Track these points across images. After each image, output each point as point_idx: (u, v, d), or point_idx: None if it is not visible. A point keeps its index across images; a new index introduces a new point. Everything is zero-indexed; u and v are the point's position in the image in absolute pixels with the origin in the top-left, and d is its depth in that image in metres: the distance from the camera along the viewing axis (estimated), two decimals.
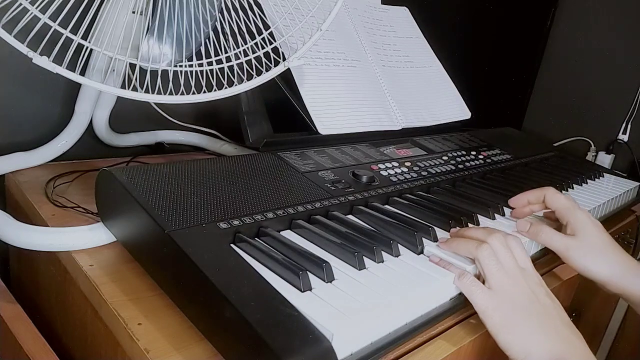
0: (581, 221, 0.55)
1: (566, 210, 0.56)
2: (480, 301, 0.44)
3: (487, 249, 0.47)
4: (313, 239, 0.49)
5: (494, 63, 1.35)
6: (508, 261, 0.47)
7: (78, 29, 0.48)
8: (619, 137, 1.27)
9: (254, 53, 0.56)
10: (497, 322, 0.43)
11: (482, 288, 0.45)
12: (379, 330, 0.40)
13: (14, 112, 0.68)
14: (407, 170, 0.69)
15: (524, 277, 0.46)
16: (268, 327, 0.34)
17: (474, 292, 0.45)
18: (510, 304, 0.44)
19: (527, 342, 0.43)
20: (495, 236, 0.48)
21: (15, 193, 0.63)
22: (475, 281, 0.46)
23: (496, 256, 0.47)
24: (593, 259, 0.53)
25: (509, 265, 0.46)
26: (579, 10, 1.33)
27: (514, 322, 0.43)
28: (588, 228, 0.55)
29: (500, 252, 0.47)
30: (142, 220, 0.45)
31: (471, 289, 0.45)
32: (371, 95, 0.79)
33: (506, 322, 0.43)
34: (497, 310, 0.44)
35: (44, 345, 0.49)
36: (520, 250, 0.49)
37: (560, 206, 0.57)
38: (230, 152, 0.78)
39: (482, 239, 0.48)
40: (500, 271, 0.46)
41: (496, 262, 0.46)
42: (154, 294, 0.44)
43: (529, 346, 0.42)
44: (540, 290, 0.46)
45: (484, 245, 0.47)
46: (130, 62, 0.53)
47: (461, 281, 0.46)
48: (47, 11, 0.45)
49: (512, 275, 0.46)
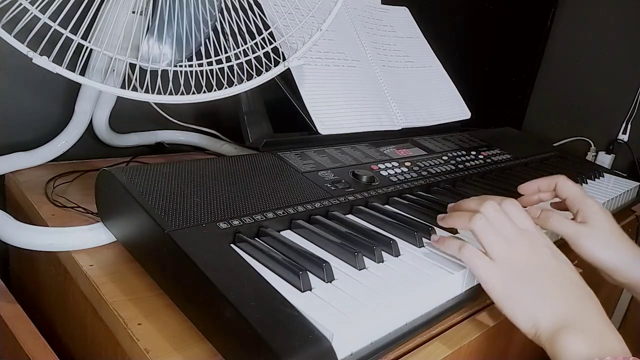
0: (592, 209, 0.54)
1: (578, 198, 0.56)
2: (481, 273, 0.43)
3: (481, 218, 0.45)
4: (313, 239, 0.49)
5: (494, 63, 1.35)
6: (505, 226, 0.45)
7: (78, 29, 0.48)
8: (619, 137, 1.27)
9: (254, 53, 0.56)
10: (500, 293, 0.42)
11: (483, 259, 0.44)
12: (379, 330, 0.40)
13: (14, 112, 0.68)
14: (407, 170, 0.69)
15: (525, 240, 0.45)
16: (268, 327, 0.34)
17: (475, 264, 0.44)
18: (511, 272, 0.43)
19: (532, 310, 0.41)
20: (488, 204, 0.46)
21: (15, 193, 0.63)
22: (476, 252, 0.44)
23: (492, 224, 0.45)
24: (603, 246, 0.53)
25: (507, 230, 0.45)
26: (579, 10, 1.33)
27: (517, 290, 0.42)
28: (599, 216, 0.54)
29: (495, 219, 0.45)
30: (142, 220, 0.45)
31: (472, 260, 0.44)
32: (371, 95, 0.79)
33: (509, 291, 0.42)
34: (499, 281, 0.42)
35: (44, 345, 0.49)
36: (518, 212, 0.47)
37: (571, 194, 0.56)
38: (230, 152, 0.78)
39: (475, 209, 0.46)
40: (498, 239, 0.44)
41: (492, 230, 0.45)
42: (154, 294, 0.44)
43: (535, 314, 0.41)
44: (543, 251, 0.45)
45: (477, 216, 0.45)
46: (130, 62, 0.53)
47: (461, 253, 0.45)
48: (47, 11, 0.45)
49: (511, 241, 0.44)
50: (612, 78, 1.28)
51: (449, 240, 0.47)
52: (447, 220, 0.49)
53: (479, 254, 0.44)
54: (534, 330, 0.41)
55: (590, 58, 1.32)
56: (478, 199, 0.49)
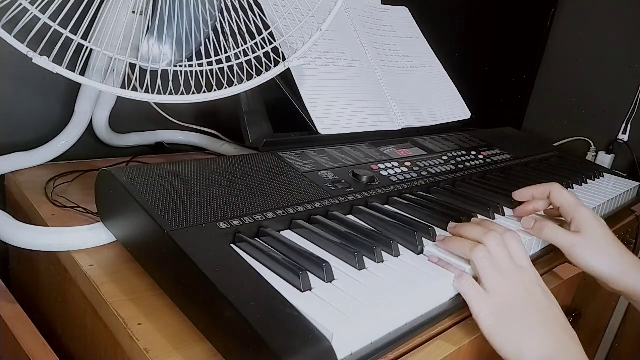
0: (586, 218, 0.55)
1: (571, 207, 0.56)
2: (475, 304, 0.44)
3: (482, 250, 0.46)
4: (313, 239, 0.49)
5: (494, 63, 1.35)
6: (503, 261, 0.46)
7: (78, 29, 0.48)
8: (619, 137, 1.27)
9: (254, 53, 0.56)
10: (490, 324, 0.43)
11: (478, 291, 0.45)
12: (379, 330, 0.40)
13: (14, 112, 0.68)
14: (407, 170, 0.69)
15: (519, 276, 0.46)
16: (268, 327, 0.34)
17: (471, 295, 0.45)
18: (504, 305, 0.44)
19: (519, 343, 0.42)
20: (492, 235, 0.47)
21: (15, 193, 0.63)
22: (473, 283, 0.45)
23: (492, 256, 0.46)
24: (597, 256, 0.53)
25: (505, 265, 0.46)
26: (579, 10, 1.33)
27: (507, 323, 0.43)
28: (593, 225, 0.54)
29: (495, 252, 0.46)
30: (142, 220, 0.45)
31: (468, 291, 0.45)
32: (371, 95, 0.79)
33: (499, 323, 0.43)
34: (491, 313, 0.44)
35: (44, 345, 0.49)
36: (518, 247, 0.48)
37: (565, 203, 0.57)
38: (230, 152, 0.78)
39: (478, 238, 0.48)
40: (495, 272, 0.45)
41: (490, 263, 0.46)
42: (154, 294, 0.44)
43: (521, 347, 0.42)
44: (536, 290, 0.46)
45: (479, 247, 0.46)
46: (130, 62, 0.53)
47: (459, 282, 0.46)
48: (47, 11, 0.45)
49: (507, 275, 0.45)
50: (612, 78, 1.28)
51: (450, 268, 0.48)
52: (447, 244, 0.50)
53: (476, 286, 0.45)
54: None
55: (590, 58, 1.32)
56: (481, 227, 0.50)
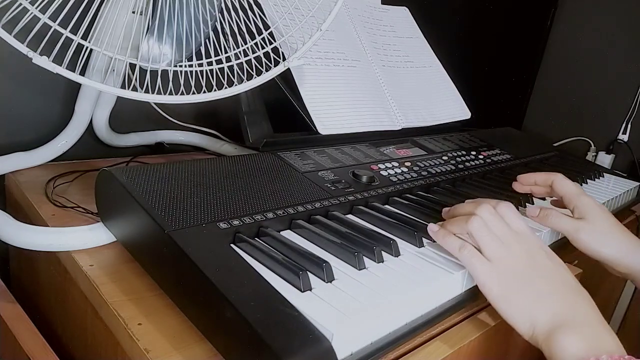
0: (588, 205, 0.56)
1: (574, 196, 0.57)
2: (479, 274, 0.44)
3: (477, 220, 0.46)
4: (313, 239, 0.49)
5: (494, 63, 1.35)
6: (500, 228, 0.46)
7: (78, 29, 0.48)
8: (619, 137, 1.27)
9: (254, 53, 0.56)
10: (496, 294, 0.43)
11: (481, 260, 0.44)
12: (379, 330, 0.40)
13: (14, 112, 0.68)
14: (407, 170, 0.69)
15: (519, 241, 0.45)
16: (268, 327, 0.34)
17: (474, 265, 0.44)
18: (508, 273, 0.43)
19: (529, 310, 0.42)
20: (484, 206, 0.47)
21: (15, 193, 0.63)
22: (475, 252, 0.45)
23: (487, 226, 0.46)
24: (602, 240, 0.54)
25: (501, 232, 0.46)
26: (579, 10, 1.33)
27: (514, 292, 0.43)
28: (595, 211, 0.55)
29: (490, 220, 0.46)
30: (142, 220, 0.45)
31: (471, 260, 0.44)
32: (371, 95, 0.79)
33: (506, 293, 0.43)
34: (496, 282, 0.43)
35: (44, 345, 0.49)
36: (512, 214, 0.48)
37: (567, 192, 0.58)
38: (230, 152, 0.78)
39: (471, 211, 0.47)
40: (494, 240, 0.45)
41: (488, 231, 0.45)
42: (154, 294, 0.44)
43: (532, 315, 0.41)
44: (538, 253, 0.45)
45: (473, 217, 0.46)
46: (130, 62, 0.53)
47: (461, 253, 0.45)
48: (47, 11, 0.45)
49: (506, 242, 0.45)
50: (612, 78, 1.28)
51: (450, 238, 0.47)
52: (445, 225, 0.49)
53: (478, 254, 0.45)
54: (531, 331, 0.42)
55: (590, 58, 1.32)
56: (473, 202, 0.50)
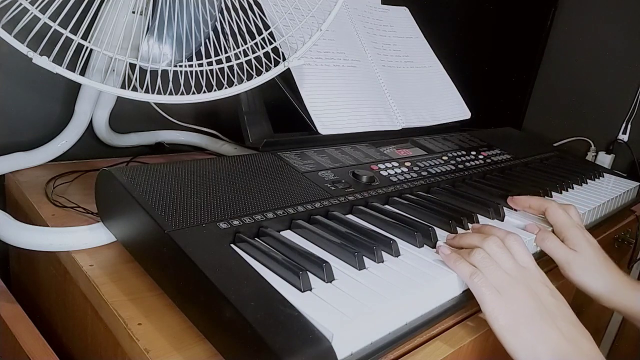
0: (578, 237, 0.57)
1: (564, 227, 0.59)
2: (487, 303, 0.44)
3: (480, 252, 0.46)
4: (313, 239, 0.49)
5: (494, 63, 1.35)
6: (506, 262, 0.46)
7: (78, 29, 0.48)
8: (619, 137, 1.27)
9: (254, 53, 0.56)
10: (502, 324, 0.43)
11: (491, 289, 0.44)
12: (379, 331, 0.40)
13: (14, 112, 0.68)
14: (407, 170, 0.69)
15: (525, 276, 0.46)
16: (268, 327, 0.34)
17: (483, 294, 0.44)
18: (513, 306, 0.44)
19: (533, 346, 0.42)
20: (490, 239, 0.48)
21: (15, 193, 0.63)
22: (486, 281, 0.45)
23: (493, 259, 0.46)
24: (590, 274, 0.55)
25: (507, 266, 0.46)
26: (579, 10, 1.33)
27: (519, 325, 0.43)
28: (585, 246, 0.57)
29: (496, 254, 0.47)
30: (142, 220, 0.45)
31: (481, 289, 0.44)
32: (371, 95, 0.79)
33: (511, 325, 0.43)
34: (503, 312, 0.43)
35: (44, 345, 0.49)
36: (520, 248, 0.48)
37: (559, 222, 0.59)
38: (230, 152, 0.78)
39: (477, 244, 0.48)
40: (499, 272, 0.45)
41: (492, 263, 0.46)
42: (154, 294, 0.44)
43: (535, 350, 0.42)
44: (543, 290, 0.46)
45: (477, 250, 0.47)
46: (130, 62, 0.53)
47: (472, 280, 0.45)
48: (47, 11, 0.45)
49: (512, 276, 0.45)
50: (612, 78, 1.28)
51: (462, 263, 0.47)
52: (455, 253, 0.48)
53: (488, 283, 0.45)
54: None
55: (590, 58, 1.32)
56: (479, 234, 0.50)
